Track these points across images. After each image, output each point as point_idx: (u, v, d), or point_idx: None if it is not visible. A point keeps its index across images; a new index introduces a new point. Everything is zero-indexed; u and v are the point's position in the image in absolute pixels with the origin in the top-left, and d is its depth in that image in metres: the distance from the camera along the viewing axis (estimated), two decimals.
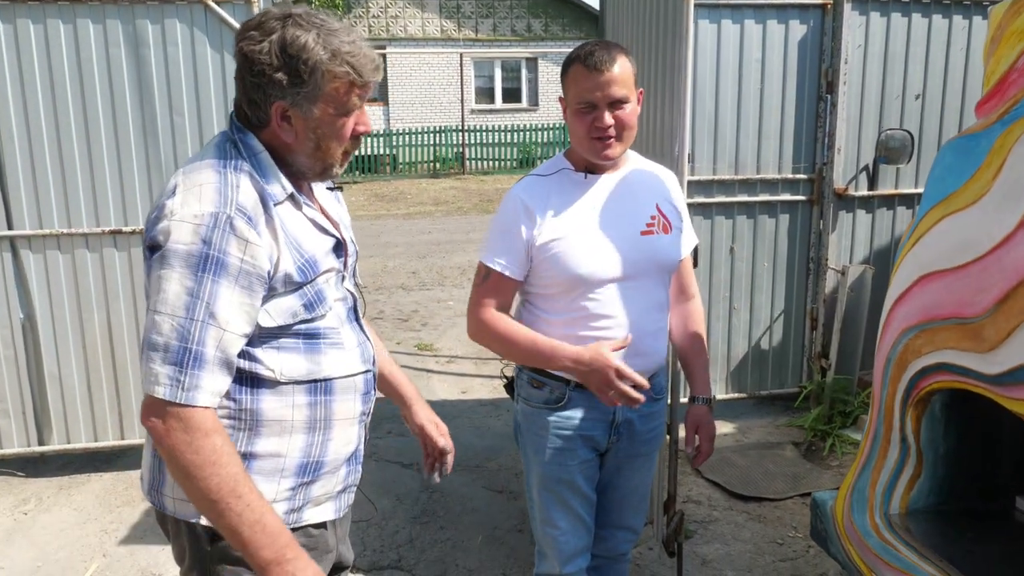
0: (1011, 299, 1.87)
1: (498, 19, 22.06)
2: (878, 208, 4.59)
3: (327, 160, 1.57)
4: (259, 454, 1.55)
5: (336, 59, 1.47)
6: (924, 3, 4.34)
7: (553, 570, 2.27)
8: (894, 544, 2.27)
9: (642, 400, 1.99)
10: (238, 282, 1.42)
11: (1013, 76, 1.95)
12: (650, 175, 2.25)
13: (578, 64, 2.01)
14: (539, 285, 2.14)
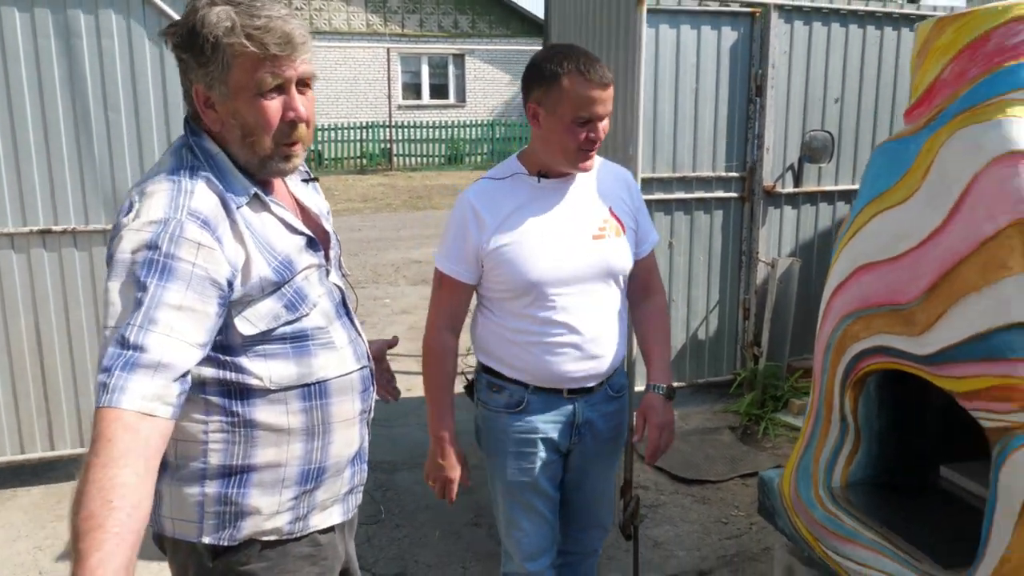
0: (939, 287, 2.08)
1: (425, 14, 22.06)
2: (803, 204, 4.87)
3: (258, 151, 1.46)
4: (257, 466, 1.50)
5: (234, 32, 1.37)
6: (842, 14, 4.63)
7: (519, 570, 2.31)
8: (837, 514, 2.47)
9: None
10: (190, 287, 1.32)
11: (938, 87, 2.16)
12: (605, 177, 2.23)
13: (577, 76, 1.96)
14: (492, 289, 2.15)
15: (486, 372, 2.23)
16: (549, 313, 2.10)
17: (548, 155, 2.08)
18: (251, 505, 1.50)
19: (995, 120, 1.98)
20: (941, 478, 2.64)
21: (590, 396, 2.21)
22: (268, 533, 1.54)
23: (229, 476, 1.49)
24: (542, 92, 2.02)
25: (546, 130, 2.04)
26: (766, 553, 3.28)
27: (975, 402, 2.01)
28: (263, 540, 1.54)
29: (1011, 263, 1.91)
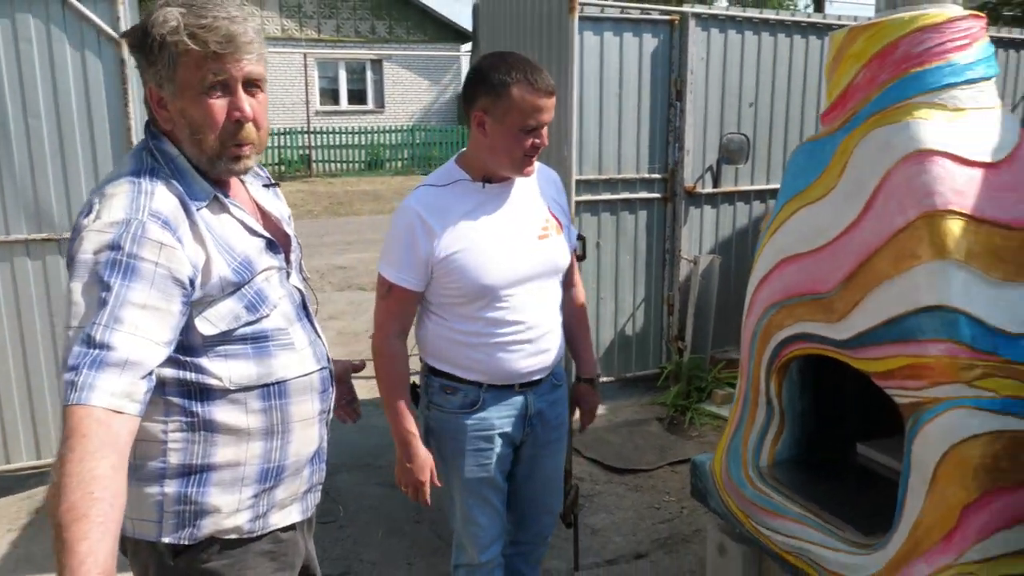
0: (855, 277, 2.26)
1: (341, 19, 21.81)
2: (721, 204, 5.09)
3: (205, 149, 1.48)
4: (217, 465, 1.51)
5: (178, 31, 1.40)
6: (755, 23, 4.87)
7: (472, 560, 2.38)
8: (766, 492, 2.63)
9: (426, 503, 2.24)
10: (153, 286, 1.34)
11: (851, 91, 2.34)
12: (539, 179, 2.29)
13: (525, 86, 2.01)
14: (443, 295, 2.17)
15: (437, 375, 2.26)
16: (502, 313, 2.16)
17: (493, 161, 2.12)
18: (211, 504, 1.52)
19: (904, 122, 2.17)
20: (858, 454, 2.85)
21: (538, 387, 2.30)
22: (228, 531, 1.55)
23: (189, 475, 1.50)
24: (489, 101, 2.05)
25: (492, 138, 2.07)
26: (698, 534, 3.44)
27: (890, 381, 2.19)
28: (223, 539, 1.55)
29: (920, 252, 2.09)
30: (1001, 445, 2.03)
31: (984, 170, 2.12)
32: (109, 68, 3.74)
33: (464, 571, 2.41)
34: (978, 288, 2.05)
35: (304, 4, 21.42)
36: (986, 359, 2.03)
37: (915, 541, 2.12)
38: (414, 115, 22.40)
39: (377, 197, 15.47)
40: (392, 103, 22.09)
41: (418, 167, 20.23)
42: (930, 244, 2.07)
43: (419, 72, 22.44)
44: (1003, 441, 2.03)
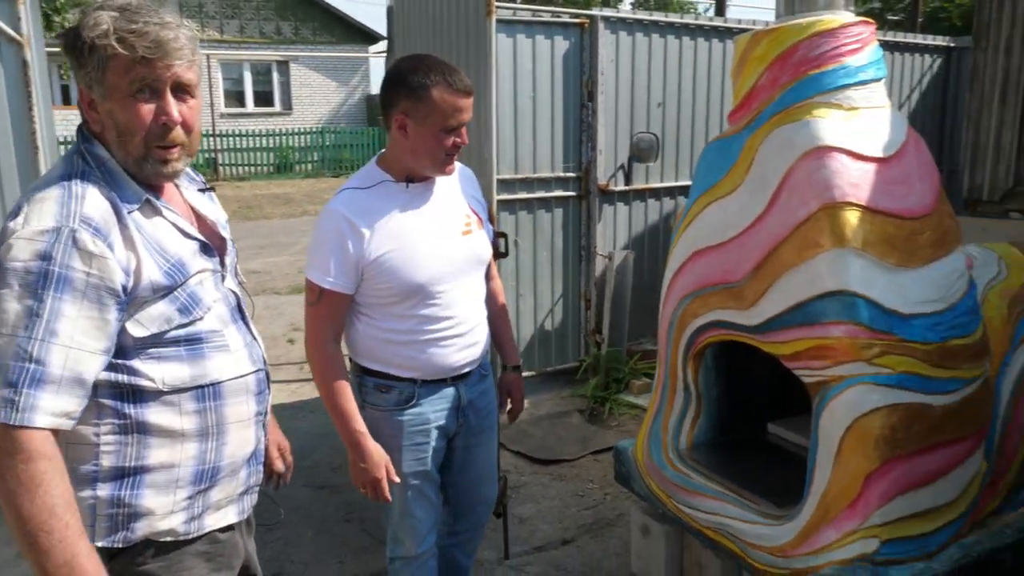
0: (763, 266, 2.41)
1: (245, 20, 21.33)
2: (633, 201, 5.26)
3: (131, 151, 1.49)
4: (151, 467, 1.51)
5: (107, 35, 1.41)
6: (660, 26, 5.06)
7: (409, 552, 2.42)
8: (686, 472, 2.77)
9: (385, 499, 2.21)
10: (86, 297, 1.36)
11: (756, 92, 2.49)
12: (454, 176, 2.35)
13: (445, 88, 2.06)
14: (374, 296, 2.19)
15: (370, 375, 2.28)
16: (433, 310, 2.21)
17: (416, 162, 2.17)
18: (144, 506, 1.51)
19: (804, 120, 2.33)
20: (770, 434, 3.02)
21: (468, 379, 2.38)
22: (163, 534, 1.55)
23: (122, 478, 1.50)
24: (410, 104, 2.09)
25: (415, 140, 2.12)
26: (621, 518, 3.57)
27: (797, 362, 2.35)
28: (159, 541, 1.55)
29: (822, 241, 2.25)
30: (898, 417, 2.20)
31: (877, 165, 2.29)
32: (11, 70, 3.62)
33: (400, 563, 2.45)
34: (874, 273, 2.22)
35: (206, 4, 20.89)
36: (883, 338, 2.20)
37: (824, 509, 2.28)
38: (323, 117, 22.10)
39: (288, 200, 15.24)
40: (300, 105, 21.75)
41: (328, 169, 19.99)
42: (830, 234, 2.23)
43: (327, 73, 22.15)
44: (899, 413, 2.21)
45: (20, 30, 3.59)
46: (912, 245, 2.27)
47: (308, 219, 12.84)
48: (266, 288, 8.31)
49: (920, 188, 2.33)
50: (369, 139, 20.42)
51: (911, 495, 2.26)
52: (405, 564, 2.44)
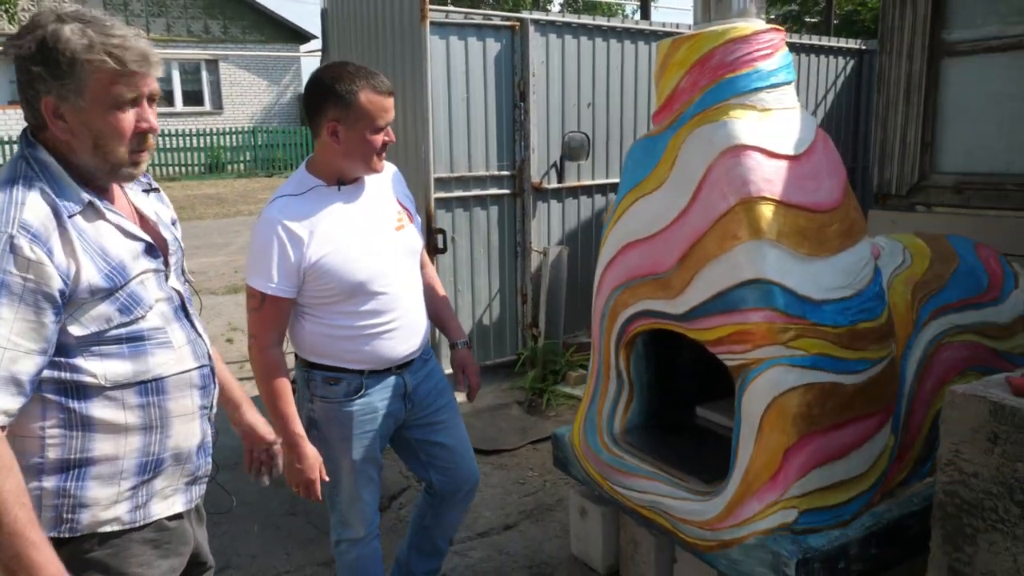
0: (688, 257, 2.56)
1: (171, 19, 20.94)
2: (566, 198, 5.41)
3: (110, 159, 1.55)
4: (95, 459, 1.56)
5: (93, 48, 1.46)
6: (588, 28, 5.22)
7: (357, 535, 2.52)
8: (620, 455, 2.91)
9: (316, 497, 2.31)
10: (23, 300, 1.40)
11: (677, 94, 2.64)
12: (384, 176, 2.45)
13: (371, 92, 2.19)
14: (317, 296, 2.28)
15: (318, 369, 2.37)
16: (376, 304, 2.32)
17: (349, 165, 2.28)
18: (89, 497, 1.56)
19: (721, 121, 2.49)
20: (698, 417, 3.19)
21: (411, 366, 2.49)
22: (108, 523, 1.60)
23: (67, 470, 1.54)
24: (340, 111, 2.20)
25: (347, 143, 2.23)
26: (560, 503, 3.71)
27: (720, 347, 2.51)
28: (103, 531, 1.60)
29: (740, 233, 2.41)
30: (812, 395, 2.38)
31: (788, 162, 2.46)
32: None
33: (347, 544, 2.55)
34: (788, 263, 2.39)
35: (130, 2, 20.44)
36: (797, 323, 2.37)
37: (747, 484, 2.45)
38: (254, 116, 21.82)
39: (221, 200, 15.03)
40: (231, 104, 21.43)
41: (261, 169, 19.76)
42: (747, 226, 2.39)
43: (258, 73, 21.86)
44: (814, 392, 2.38)
45: None
46: (822, 236, 2.45)
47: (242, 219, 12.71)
48: (203, 288, 8.24)
49: (828, 183, 2.51)
50: (302, 138, 20.24)
51: (826, 468, 2.43)
52: (351, 545, 2.54)
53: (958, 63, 3.93)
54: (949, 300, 2.91)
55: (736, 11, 2.60)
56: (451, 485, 2.68)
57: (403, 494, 3.86)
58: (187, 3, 21.19)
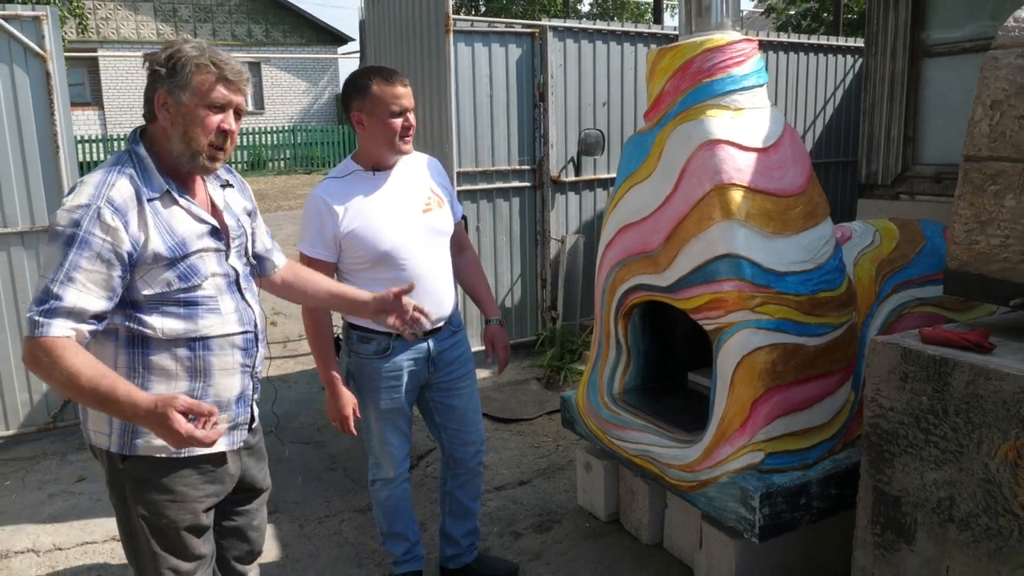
0: (672, 236, 2.94)
1: (217, 24, 21.69)
2: (583, 190, 5.81)
3: (192, 146, 1.88)
4: None
5: (202, 57, 1.86)
6: (603, 33, 5.61)
7: (388, 475, 2.91)
8: (618, 412, 3.31)
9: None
10: (100, 256, 1.76)
11: (663, 96, 3.03)
12: (420, 166, 2.81)
13: (382, 82, 2.57)
14: (351, 263, 2.66)
15: (355, 329, 2.77)
16: (399, 273, 2.64)
17: (377, 149, 2.65)
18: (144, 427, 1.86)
19: (699, 119, 2.87)
20: (689, 381, 3.58)
21: (438, 334, 2.84)
22: (158, 450, 1.94)
23: None
24: (360, 102, 2.60)
25: (371, 129, 2.61)
26: (569, 464, 4.12)
27: (699, 314, 2.89)
28: (155, 456, 1.95)
29: (714, 215, 2.79)
30: (777, 354, 2.75)
31: (757, 154, 2.84)
32: (36, 80, 4.15)
33: (380, 484, 2.96)
34: (755, 240, 2.76)
35: (179, 8, 21.18)
36: (763, 292, 2.74)
37: (721, 431, 2.83)
38: (294, 116, 22.48)
39: (263, 196, 15.61)
40: (272, 105, 22.08)
41: (300, 166, 20.34)
42: (720, 209, 2.77)
43: (297, 74, 22.53)
44: (778, 351, 2.75)
45: (44, 46, 4.09)
46: (786, 217, 2.83)
47: (283, 214, 13.24)
48: None
49: (793, 172, 2.88)
50: (339, 137, 20.78)
51: (790, 417, 2.80)
52: (384, 484, 2.95)
53: (937, 63, 4.27)
54: (911, 276, 3.27)
55: (714, 24, 2.99)
56: (461, 449, 2.99)
57: (430, 454, 4.29)
58: (232, 8, 21.88)
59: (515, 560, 3.30)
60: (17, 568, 3.38)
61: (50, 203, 4.33)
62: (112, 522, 3.59)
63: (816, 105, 6.86)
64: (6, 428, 4.48)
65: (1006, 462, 1.86)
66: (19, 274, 4.35)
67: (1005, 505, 1.87)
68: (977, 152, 2.13)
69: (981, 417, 1.90)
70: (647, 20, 25.34)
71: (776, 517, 2.68)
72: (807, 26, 14.32)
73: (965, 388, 1.93)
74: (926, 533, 2.06)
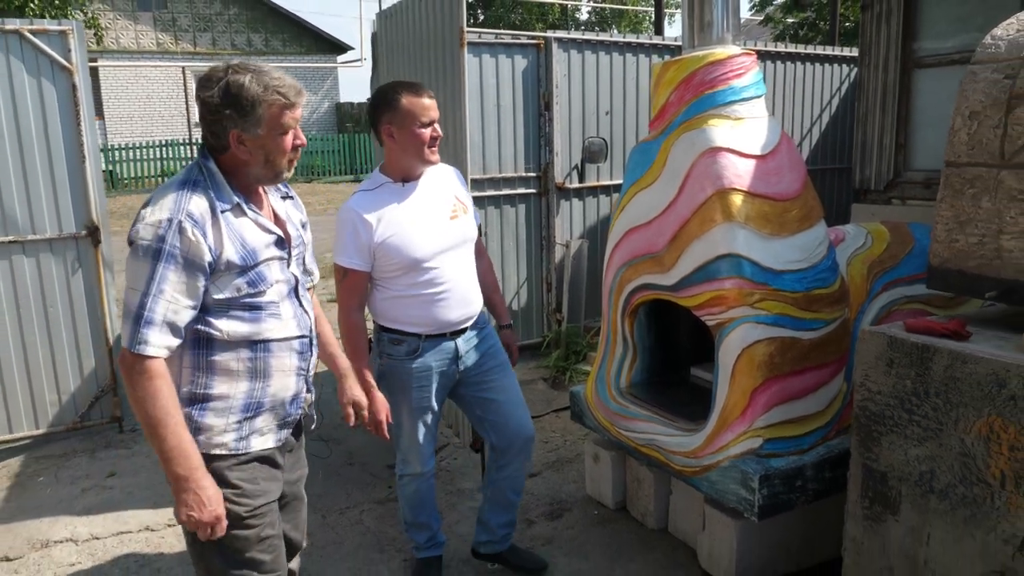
0: (677, 238, 3.13)
1: (217, 33, 21.91)
2: (587, 196, 6.02)
3: (276, 169, 2.02)
4: (213, 396, 2.00)
5: (268, 91, 1.92)
6: (606, 44, 5.83)
7: (415, 470, 3.04)
8: (625, 404, 3.51)
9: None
10: (185, 268, 1.86)
11: (668, 106, 3.23)
12: (444, 175, 2.95)
13: (410, 95, 2.71)
14: (385, 270, 2.79)
15: (386, 331, 2.90)
16: (430, 277, 2.80)
17: (407, 160, 2.78)
18: (206, 423, 2.01)
19: (702, 128, 3.07)
20: (692, 376, 3.78)
21: (465, 334, 2.96)
22: (219, 447, 2.03)
23: (193, 402, 2.00)
24: (391, 115, 2.73)
25: (401, 141, 2.74)
26: (577, 457, 4.31)
27: (702, 310, 3.08)
28: (215, 453, 2.03)
29: (716, 217, 2.98)
30: (775, 347, 2.94)
31: (756, 160, 3.03)
32: (63, 93, 4.34)
33: (408, 479, 3.08)
34: (754, 240, 2.95)
35: (179, 18, 21.41)
36: (761, 289, 2.94)
37: (723, 419, 3.02)
38: None
39: None
40: None
41: (301, 175, 20.51)
42: (722, 211, 2.97)
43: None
44: (776, 344, 2.94)
45: (70, 59, 4.29)
46: (783, 220, 3.02)
47: None
48: None
49: (789, 177, 3.09)
50: (339, 146, 20.97)
51: (787, 405, 2.99)
52: (411, 479, 3.09)
53: (927, 74, 4.49)
54: (901, 275, 3.48)
55: (716, 39, 3.19)
56: (504, 440, 3.07)
57: (443, 449, 4.48)
58: (231, 18, 22.10)
59: (529, 545, 3.48)
60: (58, 556, 3.56)
61: (76, 211, 4.50)
62: (145, 513, 3.85)
63: (813, 113, 7.08)
64: (36, 427, 4.65)
65: (980, 437, 2.06)
66: (47, 280, 4.51)
67: (979, 475, 2.07)
68: (957, 158, 2.34)
69: (958, 397, 2.11)
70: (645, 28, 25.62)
71: (774, 498, 2.88)
72: (804, 35, 14.58)
73: (944, 372, 2.14)
74: (910, 504, 2.25)
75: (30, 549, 3.62)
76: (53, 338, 4.60)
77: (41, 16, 13.13)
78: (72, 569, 3.46)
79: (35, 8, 13.61)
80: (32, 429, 4.65)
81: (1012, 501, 1.99)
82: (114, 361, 4.73)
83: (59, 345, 4.62)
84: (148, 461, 4.47)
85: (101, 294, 4.66)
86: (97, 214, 4.55)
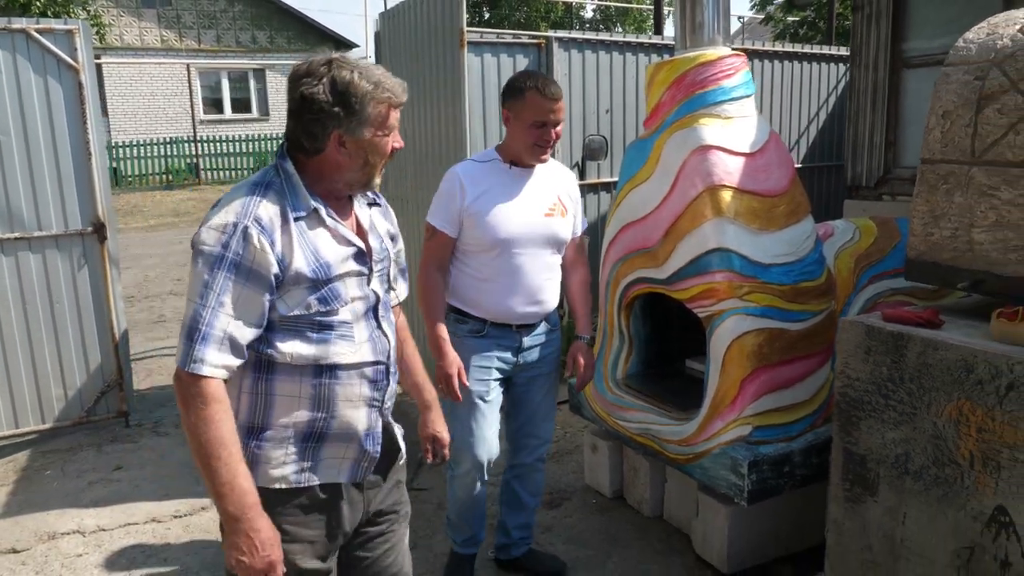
0: (669, 233, 3.24)
1: (221, 30, 22.02)
2: (587, 193, 6.10)
3: (371, 173, 1.82)
4: (271, 424, 1.79)
5: (379, 88, 1.73)
6: (606, 44, 5.93)
7: (465, 469, 2.94)
8: (621, 394, 3.63)
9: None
10: (249, 279, 1.66)
11: (661, 106, 3.34)
12: (555, 174, 2.94)
13: (535, 91, 2.66)
14: (466, 243, 2.78)
15: (452, 311, 2.89)
16: (507, 265, 2.78)
17: (515, 148, 2.78)
18: (263, 455, 1.80)
19: (693, 127, 3.18)
20: (687, 368, 3.89)
21: (532, 330, 2.95)
22: (278, 480, 1.81)
23: (251, 430, 1.80)
24: (512, 102, 2.74)
25: (513, 129, 2.76)
26: (576, 449, 4.43)
27: (694, 303, 3.20)
28: (274, 487, 1.81)
29: (706, 213, 3.09)
30: (763, 338, 3.05)
31: (745, 158, 3.15)
32: (69, 91, 4.46)
33: (458, 479, 3.00)
34: (743, 235, 3.06)
35: (183, 15, 21.53)
36: (750, 282, 3.04)
37: (714, 408, 3.14)
38: None
39: None
40: (277, 111, 22.36)
41: None
42: (712, 207, 3.08)
43: None
44: (764, 335, 3.06)
45: (76, 58, 4.40)
46: (771, 215, 3.13)
47: None
48: None
49: (777, 174, 3.20)
50: None
51: (776, 394, 3.10)
52: (462, 479, 2.99)
53: (916, 74, 4.59)
54: (887, 268, 3.59)
55: (707, 40, 3.30)
56: (521, 442, 3.11)
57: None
58: (236, 15, 22.20)
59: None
60: (65, 548, 3.65)
61: (82, 208, 4.59)
62: (152, 504, 3.96)
63: (809, 111, 7.17)
64: (42, 422, 4.74)
65: (950, 420, 2.17)
66: (53, 276, 4.61)
67: (950, 456, 2.19)
68: (931, 156, 2.45)
69: (931, 382, 2.22)
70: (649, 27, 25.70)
71: (763, 483, 2.99)
72: (804, 35, 14.67)
73: (917, 358, 2.25)
74: (887, 485, 2.37)
75: (37, 541, 3.71)
76: (59, 334, 4.69)
77: (44, 14, 13.27)
78: (79, 560, 3.55)
79: (39, 6, 13.75)
80: (38, 424, 4.74)
81: (980, 480, 2.11)
82: (119, 356, 4.84)
83: (65, 341, 4.71)
84: (154, 455, 4.58)
85: (107, 290, 4.75)
86: (103, 211, 4.66)
